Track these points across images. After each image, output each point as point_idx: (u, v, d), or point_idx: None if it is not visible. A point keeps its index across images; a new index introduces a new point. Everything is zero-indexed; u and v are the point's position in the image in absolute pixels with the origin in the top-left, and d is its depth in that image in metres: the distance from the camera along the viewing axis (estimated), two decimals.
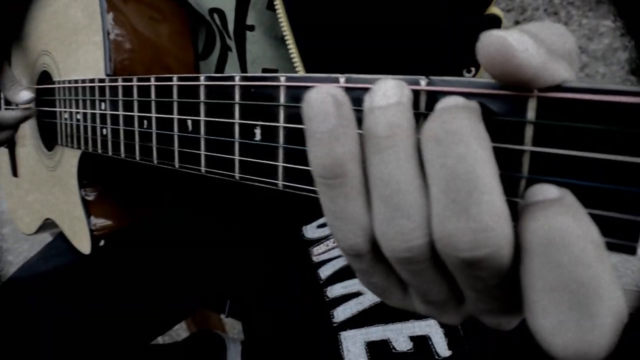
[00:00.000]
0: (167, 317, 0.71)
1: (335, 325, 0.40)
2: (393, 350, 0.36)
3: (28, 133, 0.68)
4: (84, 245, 0.56)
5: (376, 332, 0.37)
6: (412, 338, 0.36)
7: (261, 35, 0.48)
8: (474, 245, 0.14)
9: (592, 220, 0.14)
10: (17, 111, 0.58)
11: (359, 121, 0.18)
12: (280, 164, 0.23)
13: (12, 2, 0.64)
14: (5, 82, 0.57)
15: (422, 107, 0.18)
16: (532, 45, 0.14)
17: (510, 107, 0.16)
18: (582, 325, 0.13)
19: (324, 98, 0.17)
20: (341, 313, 0.40)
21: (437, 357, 0.35)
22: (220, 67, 0.54)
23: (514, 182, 0.17)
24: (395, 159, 0.16)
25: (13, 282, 0.59)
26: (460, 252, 0.15)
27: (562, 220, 0.14)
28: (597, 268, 0.13)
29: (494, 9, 0.45)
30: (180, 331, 1.42)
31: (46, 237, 0.77)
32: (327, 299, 0.42)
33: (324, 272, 0.45)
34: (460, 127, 0.15)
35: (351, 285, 0.42)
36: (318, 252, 0.48)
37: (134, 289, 0.63)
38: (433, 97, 0.18)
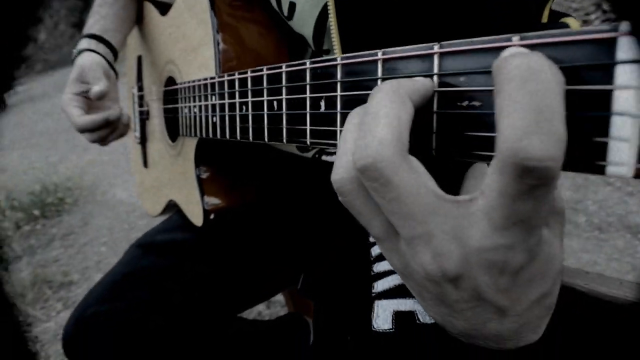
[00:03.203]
0: (255, 293, 0.81)
1: (373, 295, 0.45)
2: (417, 321, 0.40)
3: (157, 129, 0.82)
4: (197, 218, 0.67)
5: (406, 304, 0.42)
6: None
7: None
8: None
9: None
10: (94, 115, 0.72)
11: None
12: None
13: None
14: (91, 79, 0.71)
15: None
16: None
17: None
18: (544, 136, 0.17)
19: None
20: (380, 285, 0.45)
21: None
22: None
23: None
24: None
25: (138, 246, 0.74)
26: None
27: (539, 61, 0.18)
28: (559, 99, 0.18)
29: (570, 19, 0.47)
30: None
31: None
32: (373, 273, 0.47)
33: (375, 250, 0.50)
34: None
35: None
36: None
37: (233, 264, 0.74)
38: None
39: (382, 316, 0.43)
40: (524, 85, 0.18)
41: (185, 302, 0.71)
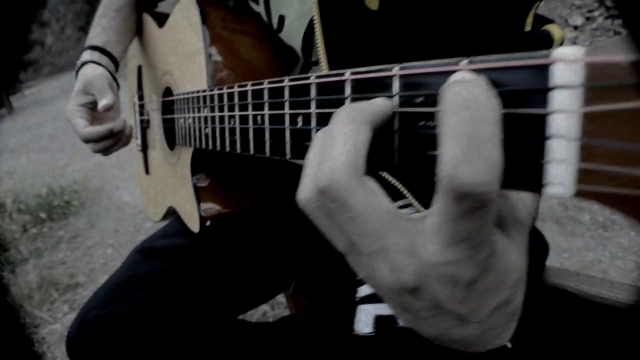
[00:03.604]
0: (255, 295, 0.83)
1: (357, 299, 0.47)
2: (396, 325, 0.42)
3: (157, 137, 0.85)
4: (194, 225, 0.70)
5: (386, 309, 0.44)
6: None
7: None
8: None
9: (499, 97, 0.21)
10: (98, 127, 0.74)
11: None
12: None
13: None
14: (97, 93, 0.73)
15: None
16: None
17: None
18: (476, 163, 0.19)
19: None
20: (364, 290, 0.47)
21: None
22: None
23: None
24: None
25: (138, 252, 0.77)
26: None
27: (474, 89, 0.20)
28: (493, 126, 0.20)
29: (552, 26, 0.48)
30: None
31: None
32: (358, 278, 0.49)
33: None
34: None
35: None
36: None
37: (231, 268, 0.76)
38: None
39: (364, 320, 0.45)
40: (458, 114, 0.20)
41: (186, 304, 0.74)
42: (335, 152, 0.23)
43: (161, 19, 0.81)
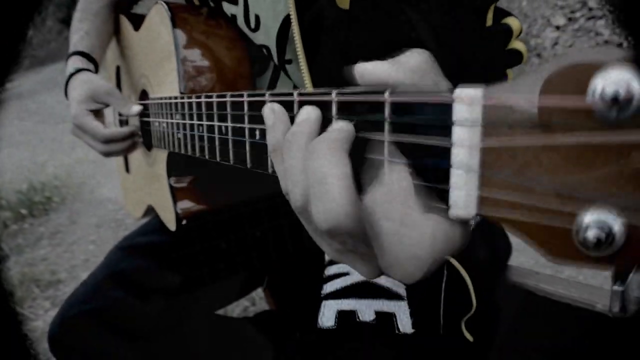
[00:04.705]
0: (231, 290, 0.86)
1: (322, 295, 0.51)
2: (357, 319, 0.46)
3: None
4: (171, 224, 0.72)
5: (349, 304, 0.47)
6: (377, 312, 0.46)
7: (297, 69, 0.60)
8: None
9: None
10: (122, 128, 0.76)
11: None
12: None
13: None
14: (117, 101, 0.76)
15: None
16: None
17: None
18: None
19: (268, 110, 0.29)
20: (329, 287, 0.51)
21: (398, 331, 0.45)
22: (273, 83, 0.67)
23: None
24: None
25: (118, 249, 0.79)
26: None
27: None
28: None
29: (517, 44, 0.52)
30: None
31: None
32: (324, 276, 0.53)
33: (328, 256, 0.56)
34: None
35: (344, 267, 0.52)
36: None
37: (207, 264, 0.79)
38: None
39: (327, 315, 0.49)
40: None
41: (166, 300, 0.76)
42: (335, 191, 0.24)
43: (137, 21, 0.82)
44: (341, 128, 0.27)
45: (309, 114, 0.29)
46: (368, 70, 0.29)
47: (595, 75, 0.17)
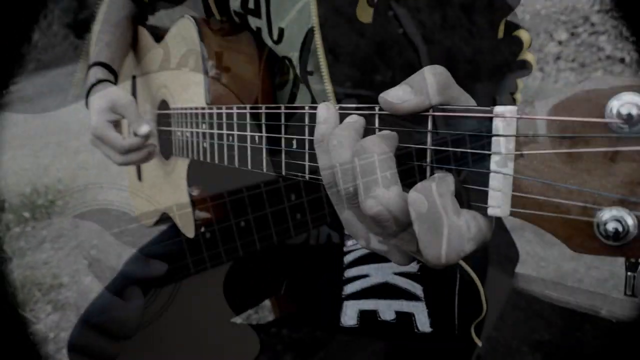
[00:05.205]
0: (248, 298, 0.87)
1: (343, 296, 0.53)
2: (378, 319, 0.49)
3: None
4: (189, 231, 0.73)
5: (369, 304, 0.50)
6: (397, 312, 0.49)
7: (319, 80, 0.61)
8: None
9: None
10: (138, 139, 0.77)
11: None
12: None
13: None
14: (131, 116, 0.76)
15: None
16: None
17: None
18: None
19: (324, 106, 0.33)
20: (349, 288, 0.54)
21: (417, 330, 0.47)
22: (292, 97, 0.69)
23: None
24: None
25: (135, 258, 0.80)
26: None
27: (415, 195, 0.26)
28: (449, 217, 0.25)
29: (528, 55, 0.55)
30: None
31: None
32: (344, 278, 0.55)
33: (348, 258, 0.58)
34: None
35: (363, 269, 0.55)
36: (350, 244, 0.61)
37: (225, 273, 0.80)
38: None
39: (349, 314, 0.51)
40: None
41: (183, 309, 0.77)
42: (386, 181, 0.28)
43: (155, 33, 0.84)
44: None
45: (356, 117, 0.32)
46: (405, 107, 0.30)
47: (611, 98, 0.21)
